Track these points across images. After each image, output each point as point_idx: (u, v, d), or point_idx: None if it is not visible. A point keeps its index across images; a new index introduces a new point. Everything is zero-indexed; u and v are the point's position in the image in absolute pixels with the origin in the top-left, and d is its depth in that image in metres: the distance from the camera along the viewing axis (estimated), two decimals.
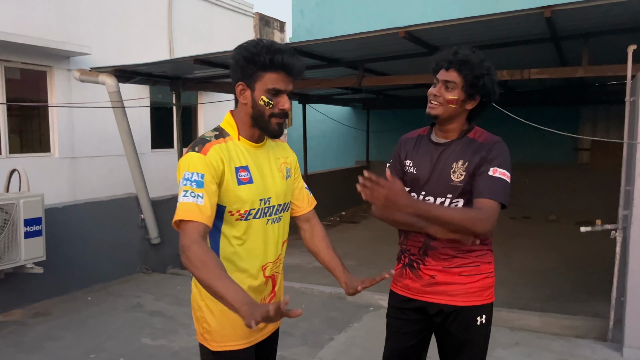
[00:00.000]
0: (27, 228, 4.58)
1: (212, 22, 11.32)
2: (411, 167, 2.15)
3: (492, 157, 1.99)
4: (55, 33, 7.94)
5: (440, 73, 2.03)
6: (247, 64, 1.73)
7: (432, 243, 2.07)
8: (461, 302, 2.06)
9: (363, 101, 11.35)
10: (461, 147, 2.05)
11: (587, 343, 4.09)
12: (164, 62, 6.14)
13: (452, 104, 2.01)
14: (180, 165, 1.72)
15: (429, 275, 2.10)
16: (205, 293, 1.78)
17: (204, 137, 1.77)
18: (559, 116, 10.01)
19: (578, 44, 4.74)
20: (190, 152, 1.72)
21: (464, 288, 2.06)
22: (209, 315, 1.83)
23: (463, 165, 2.02)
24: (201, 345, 1.89)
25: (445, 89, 2.01)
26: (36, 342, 4.25)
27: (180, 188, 1.67)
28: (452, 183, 2.02)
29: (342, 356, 3.92)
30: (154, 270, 6.38)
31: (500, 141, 2.05)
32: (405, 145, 2.21)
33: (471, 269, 2.07)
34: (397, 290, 2.23)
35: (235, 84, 1.78)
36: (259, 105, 1.75)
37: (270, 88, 1.73)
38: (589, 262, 6.83)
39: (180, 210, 1.63)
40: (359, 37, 4.73)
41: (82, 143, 8.51)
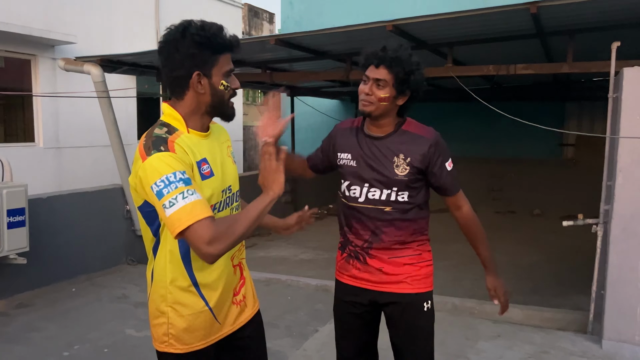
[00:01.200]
0: (10, 218, 4.53)
1: (200, 12, 11.20)
2: (350, 160, 2.18)
3: (442, 152, 2.12)
4: (39, 21, 7.83)
5: (370, 70, 2.05)
6: (201, 51, 1.60)
7: (380, 236, 2.15)
8: (409, 290, 2.15)
9: (351, 94, 11.35)
10: (399, 141, 2.11)
11: (567, 335, 4.16)
12: (150, 52, 6.07)
13: (383, 102, 2.05)
14: (152, 169, 1.52)
15: (376, 268, 2.17)
16: (171, 298, 1.71)
17: (159, 136, 1.60)
18: (544, 112, 10.10)
19: (564, 40, 4.79)
20: (156, 152, 1.53)
21: (410, 277, 2.16)
22: (176, 319, 1.72)
23: (405, 160, 2.09)
24: (162, 353, 1.77)
25: (376, 86, 2.04)
26: (19, 332, 4.22)
27: (164, 195, 1.48)
28: (397, 177, 2.09)
29: (326, 348, 3.95)
30: (139, 261, 6.35)
31: (437, 134, 2.14)
32: (340, 137, 2.26)
33: (415, 258, 2.18)
34: (344, 280, 2.26)
35: (188, 74, 1.62)
36: (219, 92, 1.66)
37: (226, 70, 1.66)
38: (571, 256, 6.92)
39: (185, 216, 1.46)
40: (347, 30, 4.73)
41: (67, 133, 8.43)
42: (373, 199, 2.14)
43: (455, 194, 2.18)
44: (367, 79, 2.06)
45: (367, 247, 2.17)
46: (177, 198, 1.47)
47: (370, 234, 2.16)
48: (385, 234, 2.14)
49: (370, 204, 2.15)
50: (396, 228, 2.14)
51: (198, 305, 1.73)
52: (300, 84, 9.13)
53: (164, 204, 1.48)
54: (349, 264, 2.24)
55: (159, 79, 6.91)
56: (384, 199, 2.12)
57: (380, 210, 2.14)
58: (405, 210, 2.14)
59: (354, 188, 2.17)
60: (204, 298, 1.73)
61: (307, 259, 6.92)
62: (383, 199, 2.12)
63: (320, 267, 6.48)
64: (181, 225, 1.46)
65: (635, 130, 3.71)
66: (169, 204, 1.47)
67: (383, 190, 2.12)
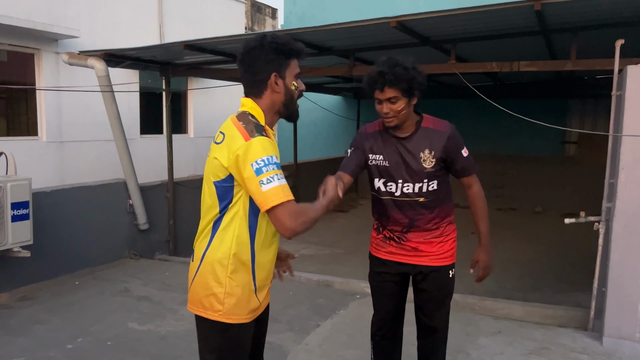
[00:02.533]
0: (14, 212, 4.55)
1: (203, 7, 11.21)
2: (383, 161, 2.52)
3: (458, 142, 2.49)
4: (43, 15, 7.82)
5: (378, 93, 2.36)
6: (278, 55, 1.90)
7: (416, 223, 2.54)
8: (439, 263, 2.58)
9: (354, 90, 11.35)
10: (422, 138, 2.46)
11: (568, 332, 4.17)
12: (154, 47, 6.09)
13: (402, 111, 2.38)
14: (257, 148, 1.76)
15: (411, 247, 2.58)
16: (232, 269, 1.87)
17: (257, 123, 1.86)
18: (547, 109, 10.09)
19: (567, 38, 4.78)
20: (258, 136, 1.78)
21: (440, 253, 2.58)
22: (235, 289, 1.88)
23: (430, 154, 2.45)
24: (209, 320, 1.91)
25: (391, 104, 2.35)
26: (23, 325, 4.25)
27: (264, 172, 1.72)
28: (425, 170, 2.46)
29: (327, 342, 3.97)
30: (141, 255, 6.37)
31: (452, 126, 2.49)
32: (368, 140, 2.56)
33: (444, 237, 2.60)
34: (381, 255, 2.67)
35: (268, 75, 1.90)
36: (291, 91, 1.96)
37: (297, 73, 1.97)
38: (572, 253, 6.94)
39: (282, 192, 1.73)
40: (351, 26, 4.73)
41: (70, 127, 8.43)
42: (408, 192, 2.50)
43: (472, 175, 2.57)
44: (380, 101, 2.38)
45: (405, 231, 2.57)
46: (274, 178, 1.73)
47: (408, 221, 2.54)
48: (420, 220, 2.53)
49: (405, 196, 2.51)
50: (430, 213, 2.53)
51: (247, 279, 1.91)
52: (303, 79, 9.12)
53: (262, 180, 1.73)
54: (385, 243, 2.65)
55: (162, 73, 6.91)
56: (417, 191, 2.49)
57: (415, 201, 2.51)
58: (435, 198, 2.52)
59: (390, 184, 2.53)
60: (254, 275, 1.92)
61: (309, 254, 6.94)
62: (416, 191, 2.49)
63: (321, 262, 6.50)
64: (277, 200, 1.72)
65: (638, 128, 3.71)
66: (266, 181, 1.72)
67: (415, 184, 2.48)
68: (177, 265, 6.07)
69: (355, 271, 5.74)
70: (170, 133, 7.05)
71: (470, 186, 2.60)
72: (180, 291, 5.06)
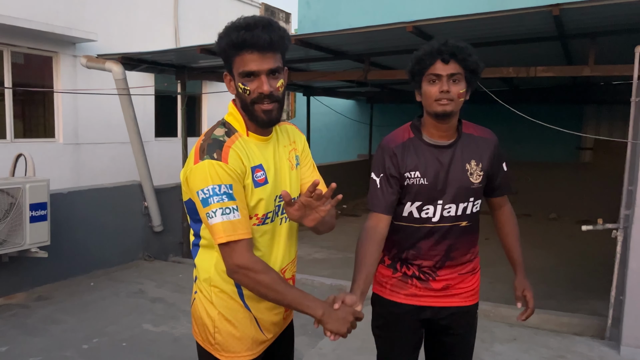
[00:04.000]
0: (32, 212, 4.62)
1: (218, 11, 11.29)
2: (419, 178, 1.94)
3: (502, 152, 2.06)
4: (61, 19, 7.94)
5: (439, 67, 1.86)
6: (222, 51, 1.58)
7: (453, 254, 2.02)
8: (470, 302, 2.11)
9: (367, 94, 11.35)
10: (466, 146, 1.97)
11: (584, 340, 4.13)
12: (171, 51, 6.15)
13: (462, 97, 1.89)
14: (198, 175, 1.53)
15: (442, 285, 2.05)
16: (217, 302, 1.68)
17: (216, 138, 1.57)
18: (563, 114, 10.00)
19: (585, 43, 4.74)
20: (207, 159, 1.52)
21: (472, 289, 2.12)
22: (224, 326, 1.69)
23: (477, 166, 1.97)
24: (206, 351, 1.75)
25: (452, 82, 1.87)
26: (39, 325, 4.29)
27: (209, 204, 1.51)
28: (473, 186, 1.97)
29: (341, 347, 3.96)
30: (155, 257, 6.42)
31: (494, 134, 2.07)
32: (398, 155, 1.96)
33: (474, 269, 2.13)
34: (399, 299, 2.08)
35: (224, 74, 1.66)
36: (240, 94, 1.59)
37: (241, 72, 1.55)
38: (588, 260, 6.86)
39: (223, 231, 1.51)
40: (366, 31, 4.73)
41: (86, 129, 8.54)
42: (449, 216, 1.97)
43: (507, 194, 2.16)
44: (437, 78, 1.86)
45: (439, 266, 2.03)
46: (217, 212, 1.51)
47: (443, 253, 2.01)
48: (458, 250, 2.03)
49: (445, 222, 1.98)
50: (468, 242, 2.05)
51: (243, 313, 1.70)
52: (316, 83, 9.15)
53: (208, 212, 1.52)
54: (405, 284, 2.07)
55: (178, 77, 6.97)
56: (460, 213, 1.98)
57: (457, 227, 1.99)
58: (477, 221, 2.07)
59: (427, 208, 1.97)
60: (248, 307, 1.70)
61: (321, 258, 6.94)
62: (459, 213, 1.98)
63: (334, 266, 6.49)
64: (221, 239, 1.52)
65: None
66: (212, 214, 1.51)
67: (459, 204, 1.97)
68: (190, 267, 6.07)
69: None
70: (186, 136, 7.10)
71: (502, 206, 2.17)
72: None
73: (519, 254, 2.21)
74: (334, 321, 1.60)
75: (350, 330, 1.65)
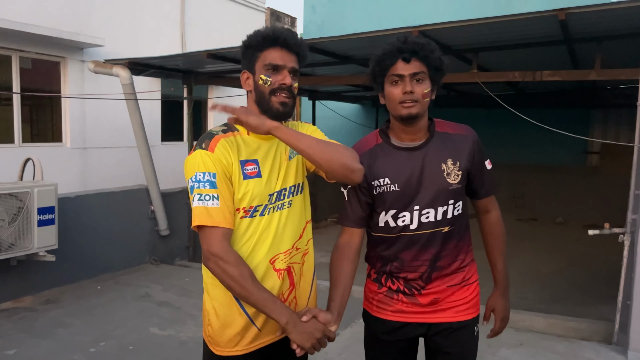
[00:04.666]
0: (40, 216, 4.65)
1: (224, 16, 11.35)
2: (389, 185, 1.82)
3: (482, 149, 1.91)
4: (68, 24, 8.00)
5: (400, 67, 1.75)
6: (247, 50, 1.74)
7: (439, 263, 1.86)
8: (463, 317, 1.92)
9: (373, 98, 11.35)
10: (440, 145, 1.84)
11: (591, 345, 4.10)
12: (177, 56, 6.18)
13: (427, 97, 1.78)
14: (188, 165, 1.65)
15: (430, 299, 1.90)
16: (214, 294, 1.74)
17: (210, 132, 1.71)
18: (569, 118, 9.98)
19: (591, 47, 4.74)
20: (197, 149, 1.64)
21: (465, 302, 1.93)
22: (214, 319, 1.75)
23: (455, 165, 1.82)
24: (205, 345, 1.83)
25: (416, 82, 1.76)
26: (46, 328, 4.32)
27: (193, 191, 1.60)
28: (451, 187, 1.81)
29: (347, 351, 3.96)
30: (162, 261, 6.44)
31: (472, 130, 1.92)
32: (364, 163, 1.82)
33: (468, 279, 1.95)
34: (386, 317, 1.94)
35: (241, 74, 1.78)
36: (259, 86, 1.70)
37: (267, 64, 1.69)
38: (595, 265, 6.82)
39: (198, 215, 1.59)
40: (372, 36, 4.75)
41: (93, 134, 8.59)
42: (427, 222, 1.83)
43: (492, 195, 1.97)
44: (400, 78, 1.76)
45: (425, 278, 1.87)
46: (196, 197, 1.60)
47: (428, 264, 1.85)
48: (444, 258, 1.86)
49: (425, 228, 1.83)
50: (455, 249, 1.88)
51: (233, 308, 1.72)
52: (322, 87, 9.17)
53: (193, 197, 1.62)
54: (391, 299, 1.93)
55: (185, 82, 7.01)
56: (440, 218, 1.83)
57: (438, 233, 1.84)
58: (461, 225, 1.90)
59: (403, 215, 1.83)
60: (240, 303, 1.71)
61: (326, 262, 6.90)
62: (439, 218, 1.83)
63: None
64: (194, 222, 1.61)
65: None
66: (193, 199, 1.61)
67: (438, 208, 1.81)
68: (196, 271, 6.12)
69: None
70: (192, 140, 7.13)
71: (488, 210, 1.99)
72: (199, 297, 5.08)
73: (499, 270, 2.02)
74: (299, 333, 1.61)
75: (318, 347, 1.64)
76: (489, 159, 1.94)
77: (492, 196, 1.99)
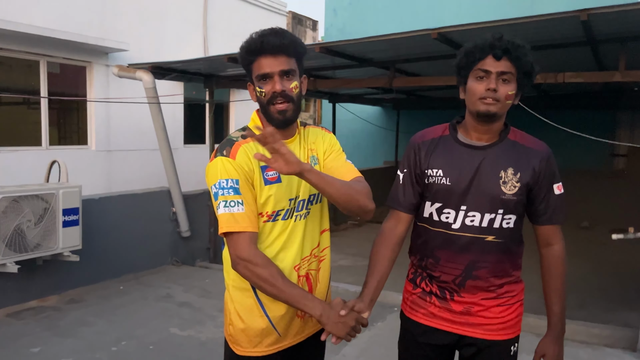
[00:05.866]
0: (65, 217, 4.76)
1: (246, 20, 11.45)
2: (441, 177, 1.78)
3: (554, 170, 1.78)
4: (94, 29, 8.18)
5: (489, 63, 1.69)
6: (242, 61, 1.73)
7: (475, 272, 1.78)
8: (498, 336, 1.83)
9: (393, 101, 11.31)
10: (505, 152, 1.76)
11: (615, 352, 4.02)
12: (199, 60, 6.26)
13: (509, 100, 1.72)
14: (210, 171, 1.67)
15: (462, 308, 1.83)
16: (236, 297, 1.78)
17: (230, 138, 1.72)
18: (594, 121, 9.78)
19: (615, 48, 4.65)
20: (219, 156, 1.66)
21: (502, 322, 1.83)
22: (236, 320, 1.78)
23: (515, 175, 1.73)
24: (226, 344, 1.86)
25: (502, 82, 1.70)
26: (70, 327, 4.42)
27: (218, 198, 1.63)
28: (504, 197, 1.73)
29: (365, 355, 3.95)
30: (183, 262, 6.53)
31: (548, 148, 1.81)
32: (423, 150, 1.84)
33: (508, 299, 1.84)
34: (418, 319, 1.91)
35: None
36: (259, 99, 1.71)
37: (257, 75, 1.69)
38: (621, 270, 6.67)
39: (225, 222, 1.62)
40: (391, 38, 4.74)
41: (117, 137, 8.75)
42: (472, 226, 1.76)
43: (557, 224, 1.82)
44: (486, 74, 1.70)
45: (459, 283, 1.81)
46: (221, 204, 1.62)
47: (463, 268, 1.78)
48: (483, 269, 1.78)
49: (467, 231, 1.77)
50: (497, 263, 1.78)
51: (256, 311, 1.76)
52: (342, 90, 9.18)
53: (218, 205, 1.64)
54: (424, 301, 1.89)
55: (206, 85, 7.10)
56: (485, 225, 1.75)
57: (480, 240, 1.76)
58: (510, 240, 1.79)
59: (447, 212, 1.79)
60: (262, 306, 1.75)
61: (346, 265, 6.93)
62: (484, 225, 1.76)
63: (359, 273, 6.45)
64: (222, 229, 1.63)
65: None
66: (219, 206, 1.64)
67: (485, 214, 1.74)
68: (216, 272, 6.18)
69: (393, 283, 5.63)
70: (213, 143, 7.21)
71: (550, 243, 1.83)
72: (219, 298, 5.15)
73: (554, 313, 1.86)
74: (333, 324, 1.64)
75: (353, 334, 1.67)
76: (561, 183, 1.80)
77: (557, 227, 1.83)
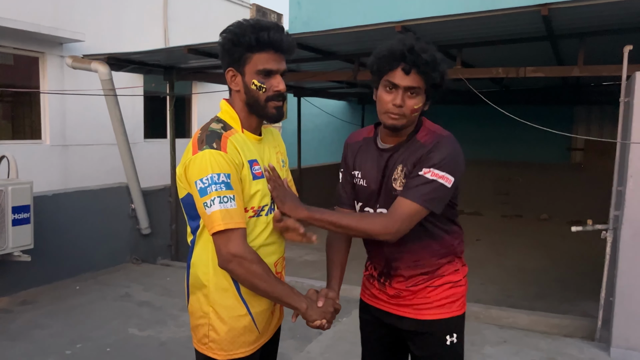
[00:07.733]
0: (15, 215, 4.53)
1: (208, 12, 11.23)
2: (361, 179, 1.88)
3: (429, 158, 1.72)
4: (48, 19, 7.85)
5: (398, 77, 1.68)
6: (234, 47, 1.62)
7: (394, 264, 1.87)
8: (426, 315, 1.86)
9: (358, 95, 11.31)
10: (404, 152, 1.79)
11: (574, 342, 4.10)
12: (158, 51, 6.07)
13: (416, 112, 1.73)
14: (198, 164, 1.55)
15: (394, 292, 1.91)
16: (216, 299, 1.67)
17: (214, 130, 1.62)
18: (553, 115, 10.00)
19: (574, 43, 4.73)
20: (208, 149, 1.56)
21: (429, 301, 1.86)
22: (217, 323, 1.68)
23: (402, 172, 1.78)
24: (201, 354, 1.73)
25: (408, 96, 1.70)
26: (22, 330, 4.21)
27: (208, 192, 1.53)
28: (395, 193, 1.77)
29: (330, 350, 3.92)
30: (143, 260, 6.34)
31: (444, 139, 1.76)
32: (350, 152, 1.94)
33: (435, 280, 1.87)
34: (365, 299, 2.06)
35: (225, 70, 1.67)
36: (252, 91, 1.64)
37: (260, 69, 1.62)
38: (579, 261, 6.85)
39: (222, 218, 1.53)
40: (355, 31, 4.70)
41: (73, 131, 8.44)
42: None
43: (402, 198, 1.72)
44: (394, 87, 1.70)
45: (385, 273, 1.92)
46: (215, 200, 1.53)
47: (384, 261, 1.90)
48: (398, 261, 1.86)
49: None
50: (413, 254, 1.84)
51: (239, 309, 1.69)
52: (307, 84, 9.10)
53: (206, 202, 1.54)
54: (370, 283, 2.02)
55: (166, 77, 6.90)
56: None
57: None
58: (417, 233, 1.79)
59: (367, 210, 1.89)
60: (246, 303, 1.70)
61: (312, 260, 6.88)
62: None
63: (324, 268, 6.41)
64: (219, 226, 1.54)
65: None
66: (211, 203, 1.54)
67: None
68: (178, 270, 6.03)
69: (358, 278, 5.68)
70: (174, 137, 7.02)
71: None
72: (181, 297, 5.01)
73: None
74: (318, 314, 1.73)
75: (332, 319, 1.78)
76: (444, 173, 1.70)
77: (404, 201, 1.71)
